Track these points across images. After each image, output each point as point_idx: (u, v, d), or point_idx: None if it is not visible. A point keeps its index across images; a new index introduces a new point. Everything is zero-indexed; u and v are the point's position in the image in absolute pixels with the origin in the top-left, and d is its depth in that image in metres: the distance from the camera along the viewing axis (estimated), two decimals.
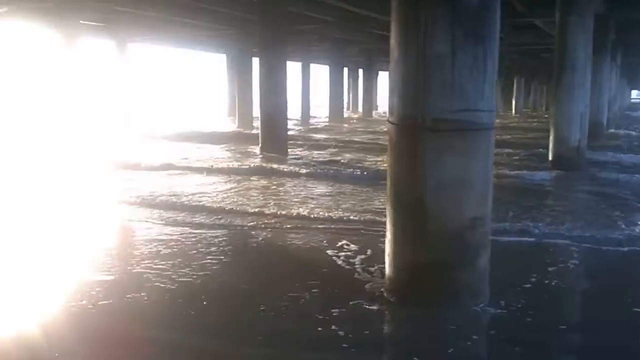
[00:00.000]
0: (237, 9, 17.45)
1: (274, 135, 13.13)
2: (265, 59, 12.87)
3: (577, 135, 10.59)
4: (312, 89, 34.88)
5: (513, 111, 35.23)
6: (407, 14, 3.58)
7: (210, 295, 4.04)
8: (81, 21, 15.89)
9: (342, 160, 11.88)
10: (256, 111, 24.71)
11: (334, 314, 3.70)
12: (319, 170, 10.31)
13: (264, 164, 10.99)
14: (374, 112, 31.86)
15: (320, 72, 37.98)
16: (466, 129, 3.54)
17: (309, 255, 5.13)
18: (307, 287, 4.19)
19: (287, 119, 13.74)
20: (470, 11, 3.44)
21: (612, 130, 18.98)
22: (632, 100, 69.82)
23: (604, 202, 7.73)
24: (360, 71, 34.43)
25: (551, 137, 10.95)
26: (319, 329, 3.52)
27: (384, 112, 34.40)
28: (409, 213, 3.74)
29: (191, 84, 55.05)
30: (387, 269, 3.96)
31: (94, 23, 19.14)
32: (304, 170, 10.16)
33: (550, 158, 10.96)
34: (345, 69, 32.58)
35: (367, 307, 3.84)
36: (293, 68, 35.29)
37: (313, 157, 12.49)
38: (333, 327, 3.53)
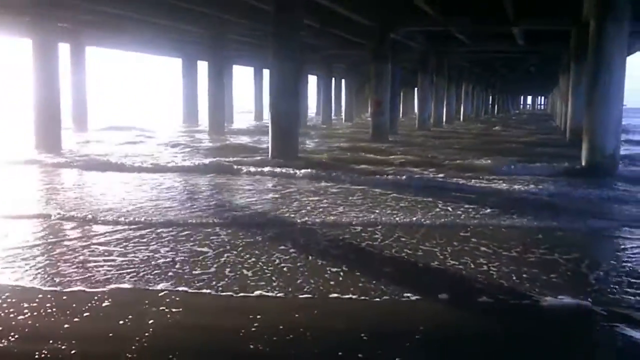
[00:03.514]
0: (212, 6, 16.50)
1: (286, 142, 12.59)
2: (278, 67, 12.36)
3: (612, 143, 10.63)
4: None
5: (461, 118, 35.98)
6: None
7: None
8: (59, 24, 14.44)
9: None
10: (230, 118, 23.90)
11: None
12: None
13: None
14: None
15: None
16: None
17: None
18: None
19: (298, 125, 13.21)
20: None
21: None
22: None
23: None
24: (315, 78, 34.04)
25: (585, 144, 10.94)
26: None
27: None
28: None
29: (145, 90, 53.18)
30: None
31: (60, 24, 17.52)
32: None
33: (583, 164, 10.97)
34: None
35: None
36: (248, 73, 34.49)
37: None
38: None
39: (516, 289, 4.22)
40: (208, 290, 4.10)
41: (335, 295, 4.03)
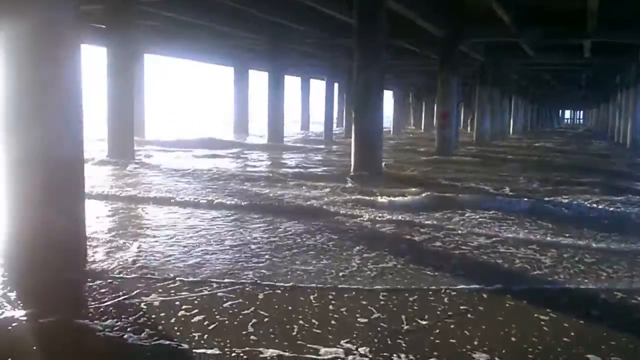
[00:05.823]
0: (275, 12, 16.02)
1: (370, 156, 12.08)
2: (363, 79, 11.93)
3: None
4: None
5: (511, 132, 35.01)
6: None
7: None
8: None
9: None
10: (288, 129, 23.19)
11: None
12: None
13: None
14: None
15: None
16: None
17: None
18: None
19: (382, 139, 12.67)
20: None
21: None
22: None
23: None
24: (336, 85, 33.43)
25: None
26: None
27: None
28: None
29: (191, 98, 53.71)
30: None
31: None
32: None
33: None
34: (337, 84, 31.28)
35: None
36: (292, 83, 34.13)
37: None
38: None
39: None
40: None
41: None
